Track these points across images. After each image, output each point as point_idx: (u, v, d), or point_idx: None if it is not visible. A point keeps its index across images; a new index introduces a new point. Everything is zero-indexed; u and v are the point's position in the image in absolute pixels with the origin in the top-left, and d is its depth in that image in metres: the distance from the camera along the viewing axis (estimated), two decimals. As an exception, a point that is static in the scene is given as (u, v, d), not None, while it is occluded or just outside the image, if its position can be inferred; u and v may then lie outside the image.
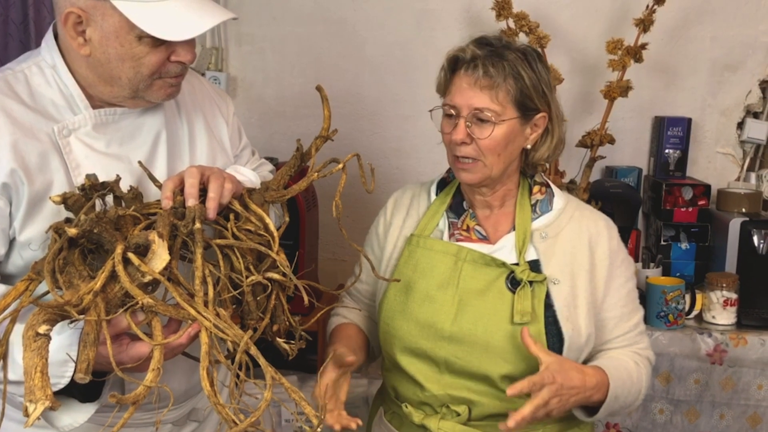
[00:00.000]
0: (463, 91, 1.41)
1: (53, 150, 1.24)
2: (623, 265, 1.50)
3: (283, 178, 1.39)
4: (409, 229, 1.55)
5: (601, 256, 1.47)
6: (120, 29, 1.20)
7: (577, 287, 1.44)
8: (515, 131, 1.43)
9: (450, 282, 1.45)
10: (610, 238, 1.50)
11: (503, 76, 1.39)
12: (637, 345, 1.51)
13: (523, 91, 1.40)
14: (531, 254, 1.46)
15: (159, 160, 1.35)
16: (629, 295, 1.51)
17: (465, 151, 1.42)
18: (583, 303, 1.44)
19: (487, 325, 1.41)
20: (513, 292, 1.42)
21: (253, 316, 1.21)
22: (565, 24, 2.51)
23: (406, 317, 1.46)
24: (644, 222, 2.60)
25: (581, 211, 1.52)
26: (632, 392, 1.45)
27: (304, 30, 2.60)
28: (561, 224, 1.49)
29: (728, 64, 2.53)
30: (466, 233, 1.50)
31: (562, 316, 1.42)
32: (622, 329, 1.49)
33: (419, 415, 1.46)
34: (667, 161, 2.52)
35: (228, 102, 1.56)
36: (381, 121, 2.61)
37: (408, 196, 1.61)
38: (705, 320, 2.26)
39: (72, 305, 0.98)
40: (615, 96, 2.30)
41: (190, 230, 1.13)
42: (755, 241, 2.25)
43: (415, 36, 2.56)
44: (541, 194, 1.51)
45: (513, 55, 1.41)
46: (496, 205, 1.51)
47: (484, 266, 1.45)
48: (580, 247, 1.47)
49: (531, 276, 1.42)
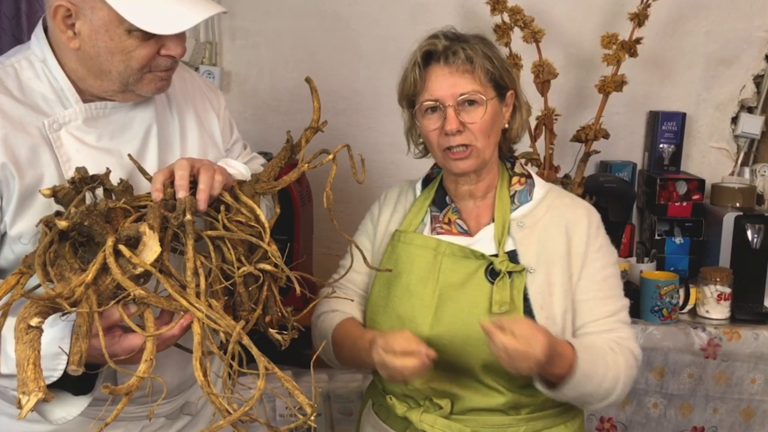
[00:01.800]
0: (444, 80, 1.41)
1: (44, 144, 1.24)
2: (601, 251, 1.48)
3: (274, 169, 1.40)
4: (395, 225, 1.56)
5: (577, 242, 1.46)
6: (109, 23, 1.19)
7: (553, 275, 1.44)
8: (497, 110, 1.46)
9: (430, 276, 1.45)
10: (589, 225, 1.48)
11: (480, 57, 1.42)
12: (615, 332, 1.45)
13: (496, 70, 1.44)
14: (509, 245, 1.46)
15: (150, 153, 1.35)
16: (606, 281, 1.47)
17: (459, 140, 1.42)
18: (559, 290, 1.43)
19: (467, 317, 1.41)
20: (492, 284, 1.42)
21: (245, 308, 1.21)
22: (560, 18, 2.51)
23: (388, 312, 1.47)
24: (638, 216, 2.60)
25: (561, 200, 1.52)
26: (607, 377, 1.38)
27: (299, 24, 2.59)
28: (538, 214, 1.49)
29: (723, 59, 2.53)
30: (447, 226, 1.51)
31: (536, 304, 1.41)
32: (596, 314, 1.44)
33: (402, 408, 1.46)
34: (662, 156, 2.52)
35: (219, 96, 1.56)
36: (376, 115, 2.61)
37: (395, 192, 1.62)
38: (699, 314, 2.26)
39: (63, 297, 0.97)
40: (609, 90, 2.30)
41: (181, 222, 1.13)
42: (749, 236, 2.26)
43: (409, 31, 2.51)
44: (520, 185, 1.51)
45: (475, 40, 1.45)
46: (479, 196, 1.51)
47: (463, 259, 1.45)
48: (556, 235, 1.46)
49: (510, 266, 1.42)
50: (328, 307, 1.60)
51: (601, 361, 1.38)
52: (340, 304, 1.59)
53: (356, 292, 1.61)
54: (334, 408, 2.36)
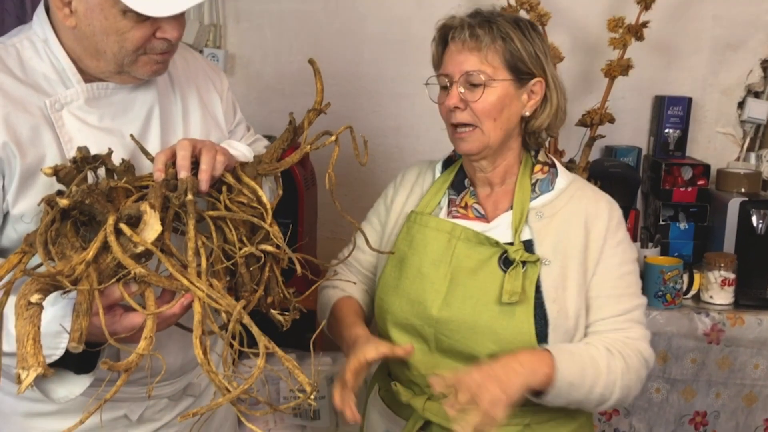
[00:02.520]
0: (454, 56, 1.42)
1: (45, 124, 1.24)
2: (619, 247, 1.44)
3: (276, 151, 1.39)
4: (411, 206, 1.55)
5: (596, 236, 1.42)
6: (104, 2, 1.19)
7: (568, 268, 1.41)
8: (510, 95, 1.42)
9: (443, 260, 1.44)
10: (610, 219, 1.44)
11: (491, 37, 1.39)
12: (624, 332, 1.40)
13: (514, 53, 1.40)
14: (526, 234, 1.44)
15: (152, 134, 1.35)
16: (623, 278, 1.43)
17: (460, 117, 1.41)
18: (573, 285, 1.40)
19: (476, 304, 1.39)
20: (505, 272, 1.39)
21: (247, 288, 1.21)
22: (566, 2, 2.49)
23: (399, 293, 1.46)
24: (643, 202, 2.59)
25: (583, 191, 1.48)
26: (599, 383, 1.34)
27: (303, 7, 2.58)
28: (559, 204, 1.45)
29: (730, 43, 2.51)
30: (464, 210, 1.49)
31: (549, 297, 1.38)
32: (607, 312, 1.41)
33: (407, 394, 1.45)
34: (667, 141, 2.51)
35: (222, 77, 1.56)
36: (380, 99, 2.60)
37: (414, 173, 1.61)
38: (703, 300, 2.26)
39: (64, 275, 0.98)
40: (615, 75, 2.28)
41: (182, 202, 1.13)
42: (754, 221, 2.25)
43: (415, 13, 2.54)
44: (542, 173, 1.48)
45: (503, 20, 1.42)
46: (497, 182, 1.49)
47: (477, 245, 1.43)
48: (575, 227, 1.43)
49: (525, 256, 1.39)
50: (331, 283, 1.60)
51: (589, 368, 1.34)
52: (344, 283, 1.60)
53: (360, 271, 1.62)
54: (337, 391, 2.37)
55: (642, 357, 1.40)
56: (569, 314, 1.39)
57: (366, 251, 1.57)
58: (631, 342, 1.40)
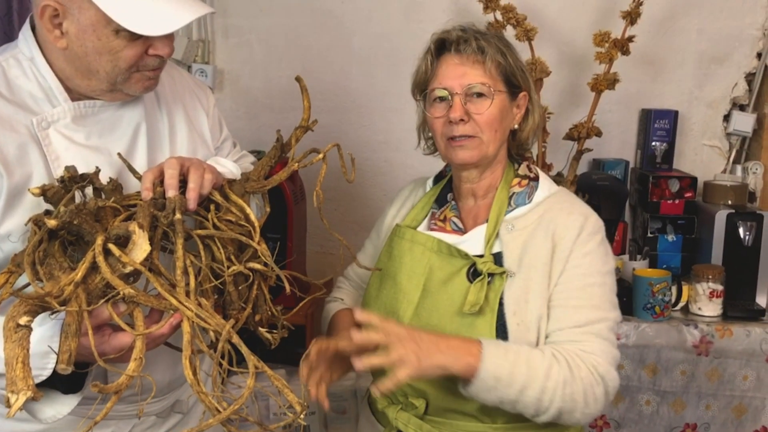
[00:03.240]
0: (454, 69, 1.42)
1: (32, 142, 1.24)
2: (586, 258, 1.38)
3: (264, 168, 1.40)
4: (399, 219, 1.58)
5: (562, 248, 1.39)
6: (97, 23, 1.19)
7: (531, 280, 1.38)
8: (506, 107, 1.44)
9: (417, 271, 1.46)
10: (581, 230, 1.39)
11: (493, 49, 1.41)
12: (579, 345, 1.32)
13: (509, 66, 1.43)
14: (497, 247, 1.44)
15: (139, 152, 1.35)
16: (585, 290, 1.36)
17: (463, 129, 1.40)
18: (535, 297, 1.37)
19: (442, 315, 1.40)
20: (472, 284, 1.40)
21: (235, 306, 1.21)
22: (553, 16, 2.51)
23: (378, 304, 1.49)
24: (631, 214, 2.61)
25: (561, 204, 1.45)
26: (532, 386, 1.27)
27: (292, 22, 2.59)
28: (531, 217, 1.44)
29: (715, 57, 2.53)
30: (442, 223, 1.50)
31: (509, 310, 1.36)
32: (562, 323, 1.35)
33: (383, 403, 1.47)
34: (654, 153, 2.52)
35: (208, 94, 1.56)
36: (369, 113, 2.61)
37: (408, 189, 1.65)
38: (691, 312, 2.26)
39: (53, 296, 0.97)
40: (602, 88, 2.30)
41: (171, 221, 1.13)
42: (741, 233, 2.27)
43: (402, 28, 2.56)
44: (520, 187, 1.48)
45: (491, 35, 1.45)
46: (480, 195, 1.50)
47: (449, 257, 1.45)
48: (541, 240, 1.40)
49: (492, 268, 1.39)
50: (333, 296, 1.65)
51: (523, 368, 1.27)
52: (344, 294, 1.64)
53: (359, 285, 1.66)
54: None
55: (596, 372, 1.30)
56: (530, 327, 1.35)
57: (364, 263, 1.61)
58: (585, 355, 1.31)
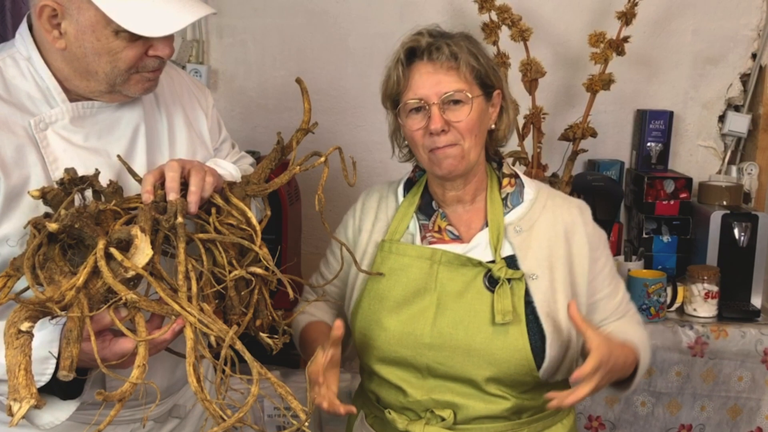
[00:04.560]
0: (428, 78, 1.37)
1: (30, 144, 1.22)
2: (600, 245, 1.50)
3: (264, 171, 1.38)
4: (379, 234, 1.50)
5: (579, 243, 1.44)
6: (96, 23, 1.17)
7: (556, 280, 1.41)
8: (483, 109, 1.41)
9: (427, 287, 1.41)
10: (585, 224, 1.47)
11: (465, 53, 1.37)
12: (629, 312, 1.53)
13: (482, 67, 1.40)
14: (506, 250, 1.42)
15: (138, 153, 1.33)
16: (611, 270, 1.52)
17: (444, 139, 1.37)
18: (562, 297, 1.40)
19: (468, 327, 1.38)
20: (492, 292, 1.38)
21: (236, 311, 1.19)
22: (548, 17, 2.51)
23: (382, 326, 1.42)
24: (626, 215, 2.61)
25: (553, 200, 1.49)
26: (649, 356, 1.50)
27: (286, 22, 2.58)
28: (534, 216, 1.45)
29: (710, 58, 2.54)
30: (439, 234, 1.46)
31: (542, 312, 1.38)
32: (614, 305, 1.49)
33: (403, 421, 1.42)
34: (649, 154, 2.53)
35: (207, 95, 1.54)
36: (364, 114, 2.60)
37: (375, 199, 1.56)
38: (686, 313, 2.27)
39: (54, 301, 0.96)
40: (597, 89, 2.30)
41: (172, 225, 1.12)
42: (736, 234, 2.28)
43: (398, 28, 2.49)
44: (510, 186, 1.47)
45: (460, 37, 1.41)
46: (468, 200, 1.47)
47: (460, 267, 1.41)
48: (555, 239, 1.43)
49: (509, 273, 1.38)
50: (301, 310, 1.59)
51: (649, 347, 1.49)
52: (313, 307, 1.59)
53: (330, 302, 1.59)
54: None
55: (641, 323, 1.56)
56: (562, 326, 1.39)
57: (335, 283, 1.55)
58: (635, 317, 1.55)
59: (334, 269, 1.55)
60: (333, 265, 1.58)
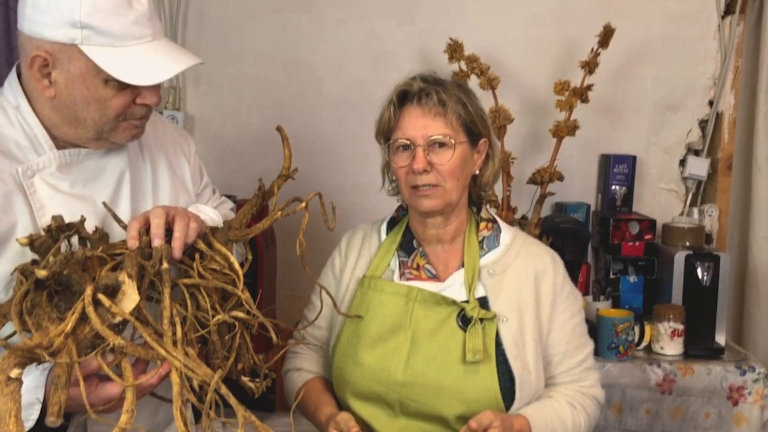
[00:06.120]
0: (416, 121, 1.45)
1: (17, 191, 1.24)
2: (568, 300, 1.52)
3: (246, 216, 1.42)
4: (361, 271, 1.56)
5: (546, 291, 1.49)
6: (86, 73, 1.21)
7: (525, 324, 1.46)
8: (467, 155, 1.48)
9: (402, 323, 1.45)
10: (555, 274, 1.52)
11: (453, 101, 1.45)
12: (581, 382, 1.52)
13: (469, 116, 1.47)
14: (479, 291, 1.48)
15: (123, 200, 1.36)
16: (575, 330, 1.52)
17: (426, 179, 1.44)
18: (530, 340, 1.45)
19: (440, 365, 1.41)
20: (464, 331, 1.42)
21: (218, 355, 1.22)
22: (515, 66, 2.60)
23: (357, 361, 1.46)
24: (593, 256, 2.67)
25: (528, 247, 1.54)
26: None
27: (263, 70, 2.63)
28: (508, 260, 1.51)
29: (669, 104, 2.64)
30: (416, 272, 1.51)
31: (511, 354, 1.43)
32: (566, 365, 1.50)
33: None
34: (614, 197, 2.60)
35: (190, 142, 1.58)
36: (339, 158, 2.65)
37: (359, 237, 1.62)
38: (654, 351, 2.32)
39: (43, 348, 0.98)
40: (563, 135, 2.38)
41: (158, 270, 1.14)
42: (699, 274, 2.34)
43: (371, 76, 2.62)
44: (487, 230, 1.54)
45: (452, 85, 1.49)
46: (447, 240, 1.53)
47: (434, 305, 1.46)
48: (526, 284, 1.49)
49: (481, 313, 1.43)
50: (293, 365, 1.61)
51: (559, 428, 1.45)
52: (305, 361, 1.60)
53: (317, 346, 1.62)
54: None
55: (597, 402, 1.54)
56: (530, 369, 1.44)
57: (320, 326, 1.59)
58: (588, 390, 1.52)
59: (317, 311, 1.58)
60: (317, 307, 1.59)
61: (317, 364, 1.61)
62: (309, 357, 1.62)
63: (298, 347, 1.63)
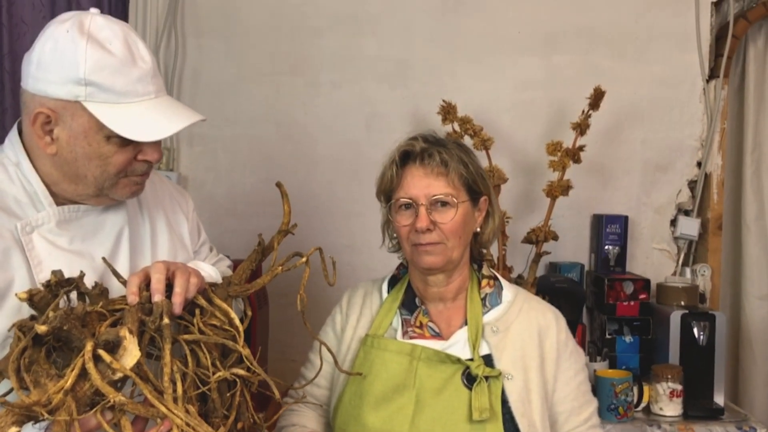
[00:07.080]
0: (419, 180, 1.46)
1: (15, 246, 1.23)
2: (572, 357, 1.51)
3: (245, 272, 1.41)
4: (363, 330, 1.54)
5: (550, 348, 1.49)
6: (89, 129, 1.21)
7: (530, 381, 1.45)
8: (469, 213, 1.49)
9: (406, 383, 1.44)
10: (559, 331, 1.52)
11: (455, 161, 1.47)
12: None
13: (470, 175, 1.49)
14: (483, 349, 1.46)
15: (121, 256, 1.35)
16: (579, 388, 1.51)
17: (429, 237, 1.45)
18: (536, 397, 1.44)
19: (446, 425, 1.39)
20: (469, 389, 1.41)
21: (218, 414, 1.19)
22: (507, 127, 2.64)
23: (361, 423, 1.43)
24: (588, 316, 2.66)
25: (530, 303, 1.55)
26: None
27: (257, 131, 2.66)
28: (511, 318, 1.50)
29: (659, 165, 2.69)
30: (420, 330, 1.50)
31: (518, 412, 1.41)
32: (572, 423, 1.49)
33: None
34: (608, 257, 2.61)
35: (188, 199, 1.59)
36: (333, 218, 2.66)
37: (360, 295, 1.62)
38: (653, 412, 2.29)
39: (41, 405, 0.95)
40: (556, 195, 2.40)
41: (158, 326, 1.12)
42: (695, 333, 2.33)
43: (364, 137, 2.65)
44: (489, 287, 1.53)
45: (453, 145, 1.51)
46: (449, 298, 1.52)
47: (439, 363, 1.44)
48: (529, 341, 1.48)
49: (486, 371, 1.41)
50: (288, 422, 1.57)
51: None
52: (302, 418, 1.57)
53: (317, 405, 1.59)
54: None
55: None
56: (537, 427, 1.42)
57: (320, 385, 1.56)
58: None
59: (317, 370, 1.55)
60: (316, 366, 1.57)
61: (314, 422, 1.57)
62: (306, 414, 1.59)
63: (296, 406, 1.59)
